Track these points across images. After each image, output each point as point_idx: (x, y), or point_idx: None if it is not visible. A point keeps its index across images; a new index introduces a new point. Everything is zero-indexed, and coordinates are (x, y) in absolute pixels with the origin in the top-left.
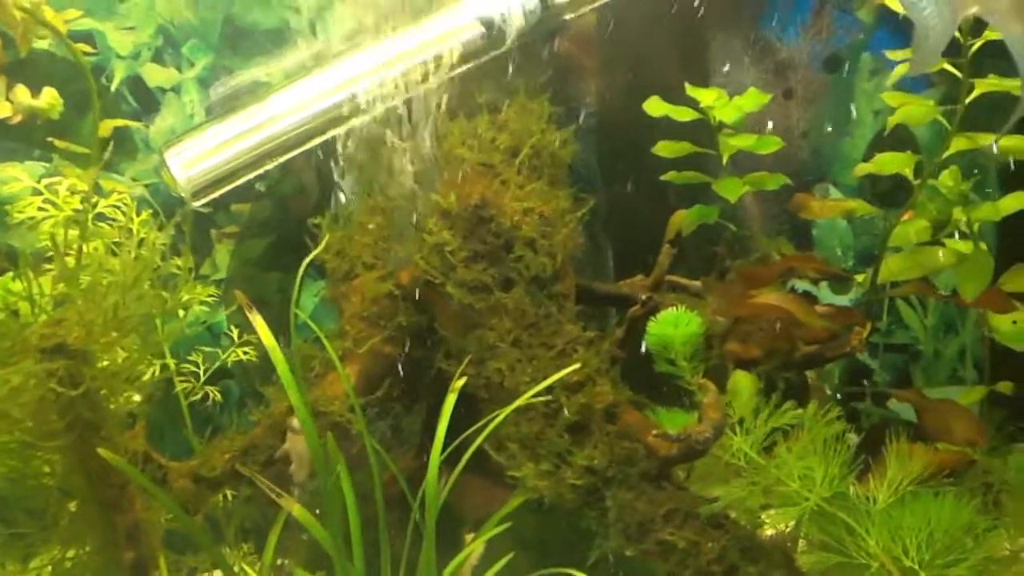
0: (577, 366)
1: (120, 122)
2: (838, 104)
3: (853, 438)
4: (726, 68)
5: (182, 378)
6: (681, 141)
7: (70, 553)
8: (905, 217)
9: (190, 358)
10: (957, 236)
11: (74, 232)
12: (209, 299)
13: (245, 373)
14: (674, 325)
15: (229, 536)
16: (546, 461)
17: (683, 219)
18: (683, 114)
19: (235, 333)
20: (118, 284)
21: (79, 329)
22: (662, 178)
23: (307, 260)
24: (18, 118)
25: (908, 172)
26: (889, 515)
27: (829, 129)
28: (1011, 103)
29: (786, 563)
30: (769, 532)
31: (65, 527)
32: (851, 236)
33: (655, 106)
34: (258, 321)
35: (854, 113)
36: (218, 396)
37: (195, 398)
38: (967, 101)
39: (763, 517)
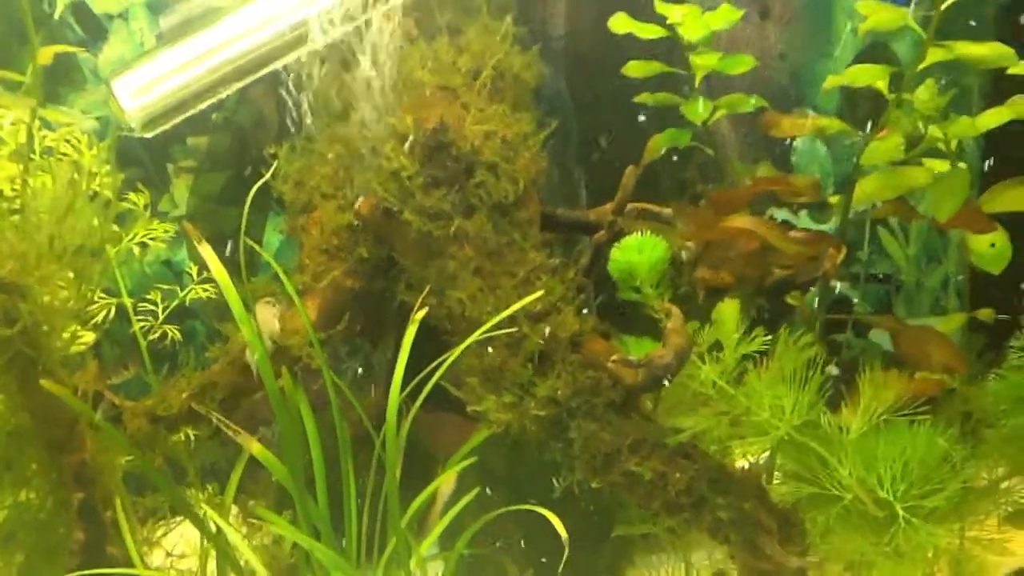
0: (540, 294)
1: (60, 48)
2: (817, 23)
3: (833, 370)
4: None
5: (140, 317)
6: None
7: (22, 496)
8: (880, 135)
9: (148, 296)
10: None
11: (14, 166)
12: (164, 235)
13: (209, 313)
14: (638, 251)
15: (191, 477)
16: (509, 393)
17: (658, 143)
18: (648, 31)
19: (194, 271)
20: (53, 213)
21: (12, 262)
22: (635, 100)
23: (255, 187)
24: None
25: (883, 86)
26: (863, 445)
27: (807, 50)
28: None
29: (757, 494)
30: (741, 463)
31: (16, 469)
32: (830, 162)
33: (620, 23)
34: (209, 254)
35: (833, 32)
36: (178, 335)
37: (153, 337)
38: (943, 7)
39: (734, 448)
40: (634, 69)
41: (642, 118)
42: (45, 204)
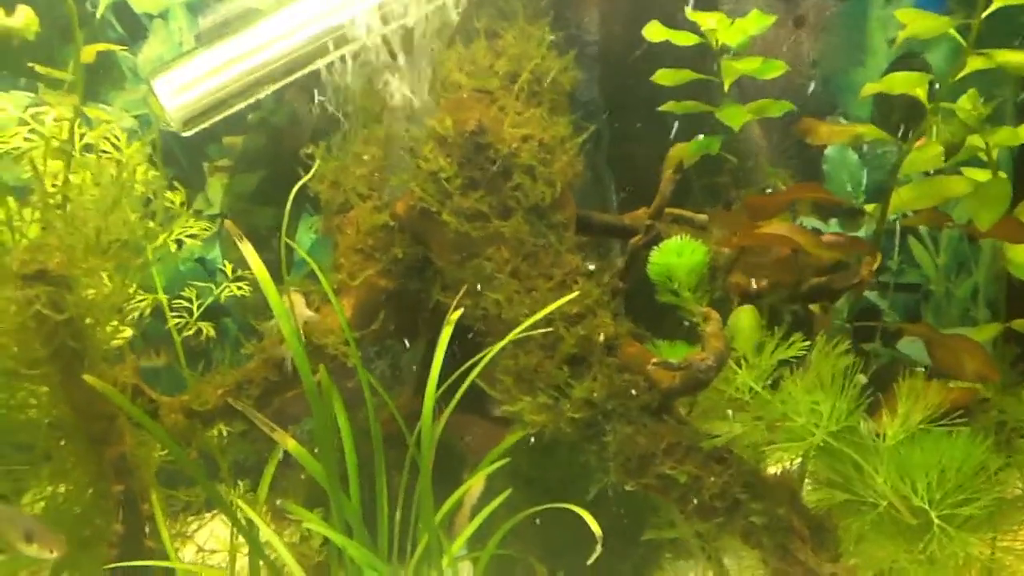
0: (575, 294)
1: (103, 46)
2: (850, 32)
3: (862, 379)
4: None
5: (175, 314)
6: (685, 70)
7: (61, 488)
8: (918, 144)
9: (183, 294)
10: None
11: (59, 162)
12: (203, 233)
13: (242, 310)
14: (678, 254)
15: (224, 472)
16: (544, 394)
17: (684, 151)
18: (683, 38)
19: (228, 269)
20: (99, 208)
21: (60, 254)
22: (660, 109)
23: (296, 188)
24: None
25: (921, 94)
26: (899, 453)
27: (840, 59)
28: None
29: (791, 500)
30: (774, 469)
31: (55, 461)
32: (862, 171)
33: (654, 31)
34: (249, 251)
35: (867, 41)
36: (211, 332)
37: (188, 333)
38: (983, 16)
39: (768, 454)
40: (664, 77)
41: (675, 123)
42: (91, 199)
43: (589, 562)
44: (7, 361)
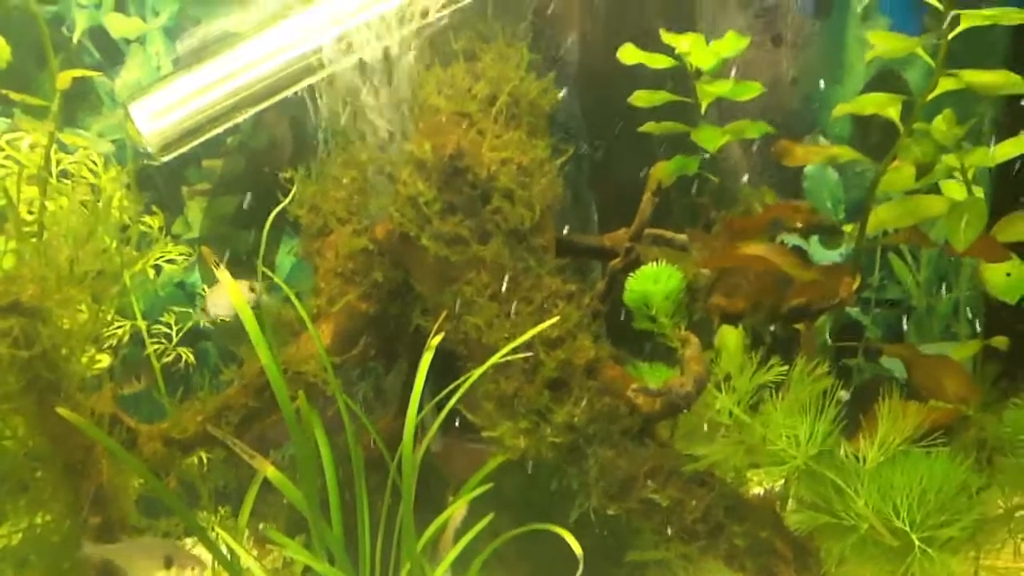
0: (556, 319)
1: (79, 72)
2: (829, 50)
3: (844, 395)
4: (712, 14)
5: (154, 339)
6: (662, 91)
7: (38, 519)
8: (895, 164)
9: (162, 319)
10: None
11: (33, 189)
12: (180, 258)
13: (223, 335)
14: (654, 281)
15: (204, 499)
16: (525, 419)
17: (663, 171)
18: (657, 61)
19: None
20: (73, 238)
21: (33, 286)
22: (639, 129)
23: (274, 212)
24: None
25: (894, 114)
26: (879, 474)
27: (819, 77)
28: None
29: (773, 522)
30: (756, 491)
31: (32, 492)
32: (842, 189)
33: (629, 54)
34: (225, 277)
35: (846, 59)
36: (191, 358)
37: (167, 360)
38: (952, 35)
39: (750, 476)
40: (641, 99)
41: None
42: (65, 227)
43: None
44: None
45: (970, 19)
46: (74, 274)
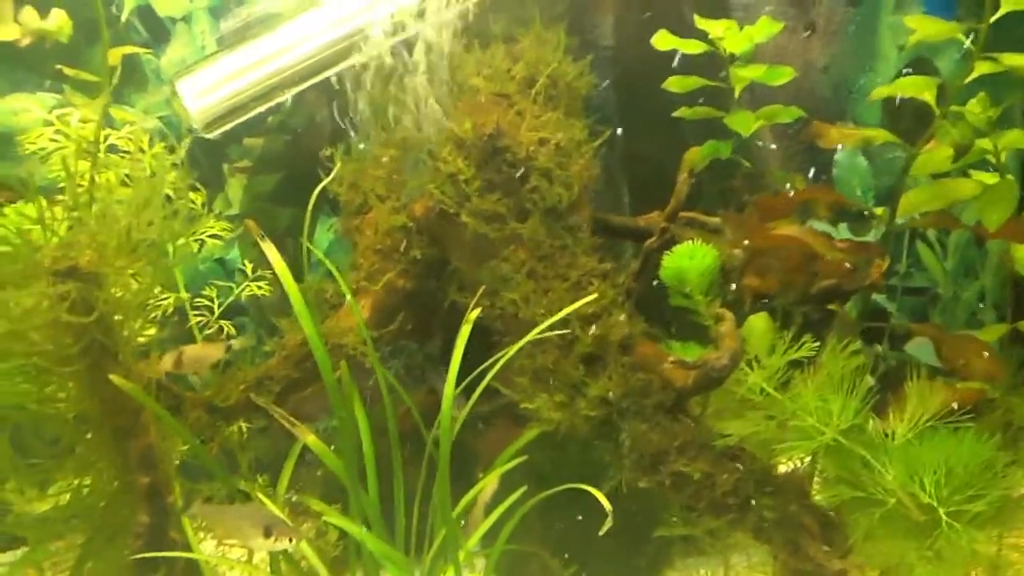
0: (592, 297)
1: (128, 49)
2: (861, 38)
3: (870, 380)
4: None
5: (196, 312)
6: (697, 76)
7: (86, 480)
8: (927, 147)
9: (204, 293)
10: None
11: (85, 163)
12: (225, 234)
13: (259, 310)
14: (689, 258)
15: (244, 468)
16: (560, 392)
17: (696, 155)
18: (691, 47)
19: (248, 268)
20: (129, 208)
21: (91, 252)
22: (674, 115)
23: (318, 189)
24: (26, 40)
25: (929, 97)
26: (907, 450)
27: (851, 65)
28: None
29: (801, 496)
30: (784, 467)
31: (80, 454)
32: (871, 176)
33: (663, 40)
34: (271, 251)
35: (877, 46)
36: (232, 330)
37: (210, 332)
38: (992, 20)
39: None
40: (674, 84)
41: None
42: (121, 198)
43: (601, 533)
44: (38, 355)
45: (1011, 3)
46: (130, 242)
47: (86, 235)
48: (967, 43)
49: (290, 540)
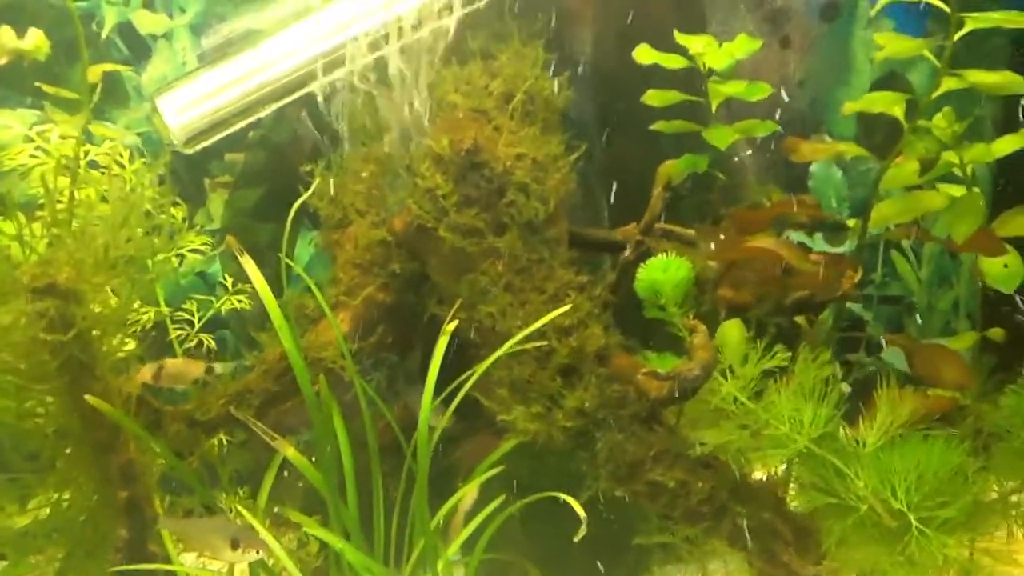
0: (567, 308)
1: (108, 66)
2: (835, 52)
3: (846, 388)
4: (722, 16)
5: (176, 326)
6: (675, 90)
7: (66, 494)
8: (896, 161)
9: (184, 307)
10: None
11: (64, 179)
12: (203, 247)
13: (240, 323)
14: (663, 270)
15: (224, 481)
16: (537, 404)
17: (672, 168)
18: (672, 61)
19: (229, 282)
20: (107, 224)
21: (69, 269)
22: (651, 128)
23: (296, 204)
24: (3, 60)
25: (898, 112)
26: (878, 457)
27: (825, 79)
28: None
29: (775, 504)
30: (759, 474)
31: (61, 469)
32: (846, 187)
33: (644, 54)
34: (250, 266)
35: (851, 61)
36: (212, 344)
37: (189, 346)
38: (956, 37)
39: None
40: (653, 98)
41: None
42: (100, 215)
43: (575, 539)
44: (16, 372)
45: (975, 21)
46: (108, 259)
47: (65, 252)
48: (933, 60)
49: (257, 552)
